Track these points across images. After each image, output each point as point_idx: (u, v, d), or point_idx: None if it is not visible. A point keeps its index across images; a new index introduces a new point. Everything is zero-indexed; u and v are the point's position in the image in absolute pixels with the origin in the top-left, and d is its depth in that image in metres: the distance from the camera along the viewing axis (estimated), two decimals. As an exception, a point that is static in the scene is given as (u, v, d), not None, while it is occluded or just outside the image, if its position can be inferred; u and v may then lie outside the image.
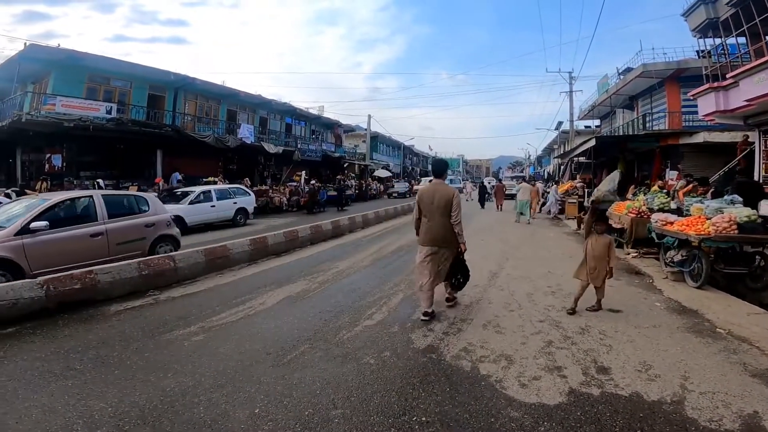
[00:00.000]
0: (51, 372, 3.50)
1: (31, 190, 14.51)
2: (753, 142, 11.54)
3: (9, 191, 12.71)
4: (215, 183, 17.38)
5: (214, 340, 4.22)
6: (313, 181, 24.23)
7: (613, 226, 9.41)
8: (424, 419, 2.76)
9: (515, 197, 16.53)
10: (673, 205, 8.51)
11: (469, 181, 37.64)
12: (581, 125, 33.81)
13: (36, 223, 6.07)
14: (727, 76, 10.65)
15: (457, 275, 5.06)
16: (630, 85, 20.86)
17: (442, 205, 4.72)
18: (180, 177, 18.39)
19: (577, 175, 20.94)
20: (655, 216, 7.62)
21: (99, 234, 6.82)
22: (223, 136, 21.52)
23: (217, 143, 20.18)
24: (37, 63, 16.13)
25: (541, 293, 5.81)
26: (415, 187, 34.57)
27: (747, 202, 6.67)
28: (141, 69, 18.69)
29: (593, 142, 15.57)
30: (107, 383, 3.29)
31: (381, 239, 11.29)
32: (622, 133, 21.84)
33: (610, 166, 18.79)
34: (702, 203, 7.22)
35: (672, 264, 6.58)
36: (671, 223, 6.92)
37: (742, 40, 11.12)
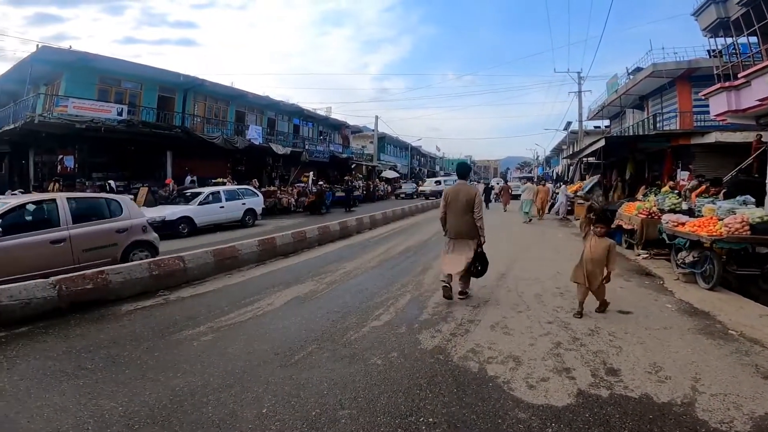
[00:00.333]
0: (63, 371, 3.55)
1: (44, 191, 14.75)
2: (767, 141, 11.34)
3: (15, 192, 12.90)
4: (224, 184, 17.51)
5: (222, 340, 4.26)
6: (321, 182, 24.31)
7: (623, 226, 9.34)
8: (431, 420, 2.76)
9: (520, 197, 16.78)
10: (685, 206, 8.40)
11: (481, 182, 37.71)
12: (590, 125, 33.55)
13: None
14: (739, 75, 10.49)
15: (476, 264, 5.50)
16: (640, 85, 20.64)
17: (465, 203, 5.39)
18: (193, 178, 18.60)
19: (587, 176, 20.76)
20: (666, 217, 7.55)
21: (61, 240, 6.30)
22: (232, 137, 21.68)
23: (226, 144, 20.34)
24: (49, 65, 16.35)
25: (550, 294, 5.78)
26: (420, 188, 34.47)
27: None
28: (151, 71, 18.93)
29: (603, 142, 15.40)
30: (118, 383, 3.33)
31: (388, 240, 11.29)
32: (632, 134, 21.62)
33: (619, 166, 18.59)
34: (714, 204, 7.13)
35: (683, 265, 6.50)
36: (683, 224, 6.84)
37: (753, 39, 10.96)
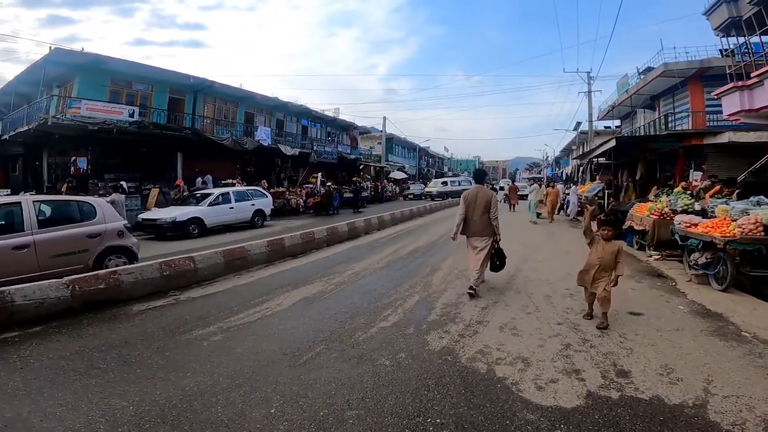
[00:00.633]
0: (75, 370, 3.59)
1: (57, 192, 14.99)
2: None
3: (27, 194, 13.10)
4: (234, 185, 17.64)
5: (232, 340, 4.29)
6: (329, 183, 24.37)
7: (635, 227, 9.24)
8: (438, 421, 2.75)
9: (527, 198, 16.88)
10: (698, 207, 8.29)
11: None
12: (601, 125, 33.22)
13: None
14: (752, 75, 10.33)
15: (495, 260, 6.05)
16: (651, 85, 20.41)
17: (483, 204, 5.87)
18: (205, 179, 18.81)
19: (597, 176, 20.57)
20: (679, 218, 7.46)
21: (24, 246, 5.95)
22: (241, 138, 21.81)
23: (235, 145, 20.48)
24: (62, 67, 16.55)
25: (560, 296, 5.73)
26: (426, 189, 34.29)
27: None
28: (161, 72, 19.11)
29: (613, 142, 15.25)
30: (129, 382, 3.36)
31: (397, 241, 11.29)
32: (643, 134, 21.37)
33: (630, 166, 18.38)
34: (727, 204, 7.03)
35: (696, 267, 6.42)
36: (695, 225, 6.76)
37: (766, 38, 10.79)
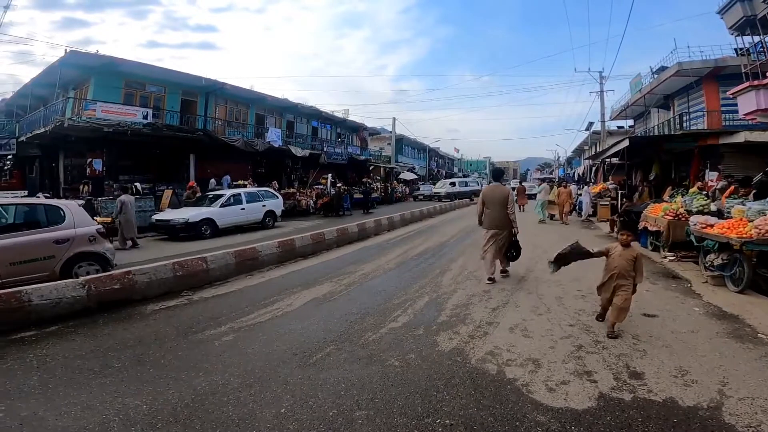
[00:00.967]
0: (90, 370, 3.65)
1: (75, 193, 15.30)
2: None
3: (43, 195, 13.36)
4: (245, 186, 17.79)
5: (243, 340, 4.33)
6: (339, 184, 24.45)
7: (649, 228, 9.10)
8: (447, 422, 2.75)
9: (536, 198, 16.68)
10: (713, 207, 8.15)
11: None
12: (613, 125, 32.80)
13: None
14: None
15: (511, 251, 6.64)
16: (665, 84, 20.12)
17: (500, 200, 6.47)
18: (222, 180, 19.05)
19: (610, 177, 20.30)
20: (694, 218, 7.34)
21: None
22: (252, 139, 21.99)
23: (247, 147, 20.65)
24: (77, 69, 16.85)
25: (572, 297, 5.68)
26: (434, 190, 34.13)
27: None
28: (174, 74, 19.37)
29: (626, 142, 15.03)
30: (143, 381, 3.41)
31: (406, 242, 11.28)
32: (657, 133, 21.07)
33: (644, 167, 18.11)
34: (743, 205, 6.89)
35: (712, 268, 6.32)
36: (711, 226, 6.64)
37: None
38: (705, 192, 9.68)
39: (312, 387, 3.25)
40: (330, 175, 25.21)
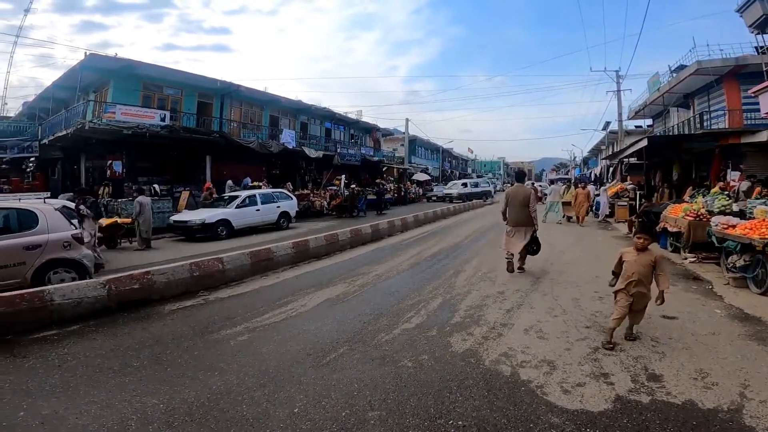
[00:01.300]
0: (110, 369, 3.72)
1: (96, 195, 15.64)
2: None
3: (68, 196, 13.70)
4: (260, 187, 17.99)
5: (258, 340, 4.37)
6: (353, 185, 24.52)
7: (669, 229, 8.92)
8: (460, 423, 2.73)
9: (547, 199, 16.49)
10: (735, 208, 7.95)
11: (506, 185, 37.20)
12: (631, 125, 32.15)
13: None
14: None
15: (532, 246, 7.10)
16: (684, 83, 19.72)
17: (522, 200, 7.03)
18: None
19: (627, 177, 19.94)
20: (716, 219, 7.18)
21: None
22: (267, 141, 22.20)
23: (261, 148, 20.87)
24: (97, 72, 17.19)
25: (588, 299, 5.59)
26: (446, 191, 33.80)
27: None
28: (190, 77, 19.66)
29: (645, 142, 14.74)
30: (160, 380, 3.47)
31: (420, 243, 11.26)
32: (677, 133, 20.64)
33: (664, 167, 17.74)
34: (766, 205, 6.71)
35: (734, 269, 6.16)
36: (733, 227, 6.48)
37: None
38: (727, 192, 9.45)
39: (325, 387, 3.26)
40: (343, 176, 25.33)
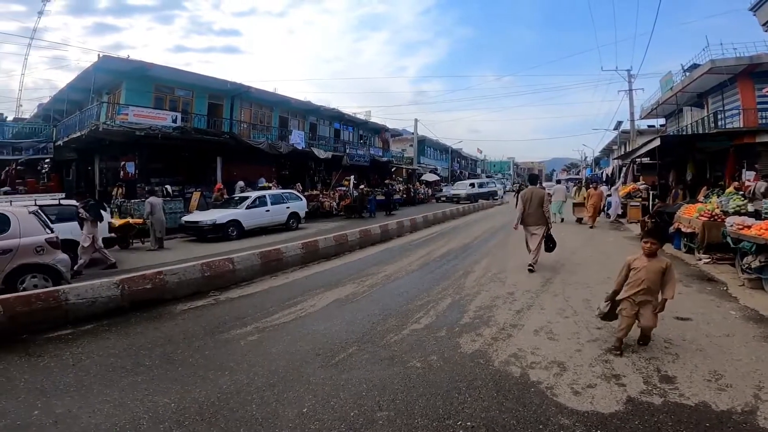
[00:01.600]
0: (123, 368, 3.78)
1: (109, 195, 15.88)
2: None
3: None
4: (269, 188, 18.10)
5: (267, 340, 4.40)
6: (362, 186, 24.55)
7: (682, 230, 8.78)
8: (469, 424, 2.73)
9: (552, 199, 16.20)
10: (751, 208, 7.81)
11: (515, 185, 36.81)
12: (643, 124, 31.74)
13: None
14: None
15: (549, 243, 7.54)
16: (697, 82, 19.45)
17: (537, 201, 7.52)
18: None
19: (640, 177, 19.69)
20: (731, 219, 7.05)
21: None
22: (276, 142, 22.31)
23: (271, 149, 20.99)
24: (110, 74, 17.40)
25: (600, 300, 5.45)
26: (453, 191, 33.62)
27: None
28: (201, 78, 19.83)
29: (658, 141, 14.53)
30: (171, 380, 3.51)
31: (429, 243, 11.23)
32: (690, 132, 20.36)
33: (677, 166, 17.47)
34: (784, 205, 6.58)
35: (749, 270, 6.04)
36: (748, 227, 6.36)
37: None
38: (742, 192, 9.29)
39: (334, 387, 3.27)
40: (352, 177, 25.37)
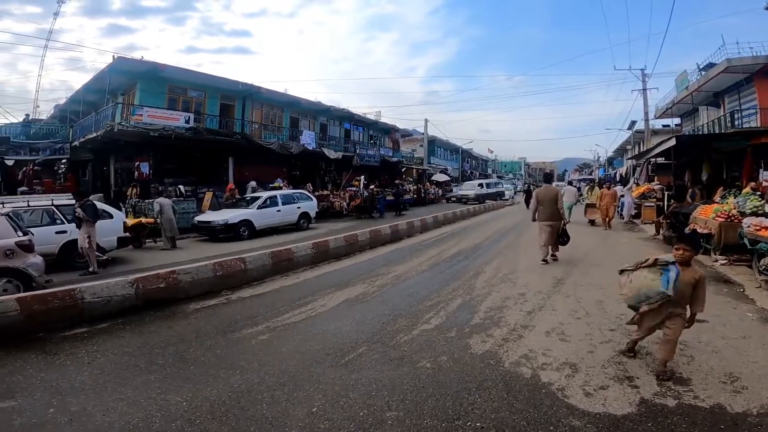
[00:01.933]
0: (137, 366, 3.83)
1: (124, 195, 16.12)
2: None
3: (98, 197, 14.13)
4: (280, 188, 18.20)
5: (278, 339, 4.43)
6: (372, 186, 24.56)
7: (698, 230, 8.62)
8: (479, 425, 2.72)
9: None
10: (768, 209, 7.65)
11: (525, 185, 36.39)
12: (658, 124, 31.22)
13: None
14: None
15: (563, 237, 8.05)
16: (713, 82, 19.10)
17: (551, 198, 8.05)
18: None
19: (655, 177, 19.40)
20: (748, 220, 6.93)
21: None
22: (287, 142, 22.42)
23: (282, 150, 21.11)
24: (125, 75, 17.65)
25: (613, 301, 5.43)
26: (461, 192, 33.38)
27: None
28: (213, 79, 20.02)
29: (673, 141, 14.29)
30: (184, 378, 3.55)
31: (439, 244, 11.20)
32: (707, 132, 20.03)
33: (693, 166, 17.18)
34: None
35: (766, 272, 5.93)
36: (766, 228, 6.25)
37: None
38: (759, 192, 9.10)
39: (344, 387, 3.28)
40: (363, 177, 25.39)
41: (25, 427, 2.83)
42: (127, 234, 10.25)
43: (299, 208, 15.68)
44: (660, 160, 19.02)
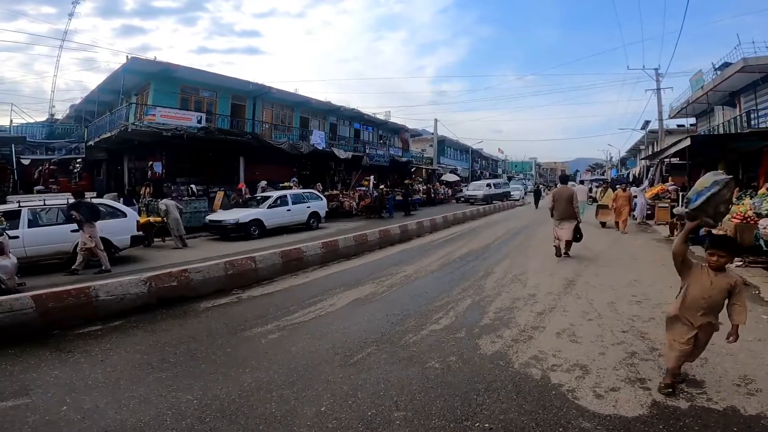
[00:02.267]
0: (149, 364, 3.87)
1: (137, 194, 16.35)
2: None
3: (112, 195, 14.37)
4: (290, 188, 18.31)
5: (287, 338, 4.46)
6: (382, 186, 24.57)
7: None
8: (487, 426, 2.70)
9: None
10: (786, 209, 7.50)
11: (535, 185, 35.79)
12: (672, 124, 30.77)
13: None
14: None
15: (576, 234, 8.47)
16: (729, 81, 18.77)
17: (566, 197, 8.61)
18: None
19: (669, 178, 19.12)
20: (764, 221, 6.80)
21: None
22: (297, 142, 22.55)
23: (292, 149, 21.23)
24: (138, 75, 17.92)
25: (625, 302, 5.39)
26: (469, 192, 33.04)
27: None
28: (224, 80, 20.23)
29: (688, 141, 14.05)
30: (194, 377, 3.58)
31: (449, 244, 11.17)
32: (723, 132, 19.69)
33: (708, 167, 16.85)
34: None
35: (784, 275, 5.80)
36: (782, 229, 6.11)
37: None
38: (777, 193, 8.92)
39: (352, 387, 3.29)
40: (372, 177, 25.42)
41: (39, 425, 2.87)
42: (141, 233, 10.39)
43: (309, 207, 15.75)
44: (674, 160, 18.74)
